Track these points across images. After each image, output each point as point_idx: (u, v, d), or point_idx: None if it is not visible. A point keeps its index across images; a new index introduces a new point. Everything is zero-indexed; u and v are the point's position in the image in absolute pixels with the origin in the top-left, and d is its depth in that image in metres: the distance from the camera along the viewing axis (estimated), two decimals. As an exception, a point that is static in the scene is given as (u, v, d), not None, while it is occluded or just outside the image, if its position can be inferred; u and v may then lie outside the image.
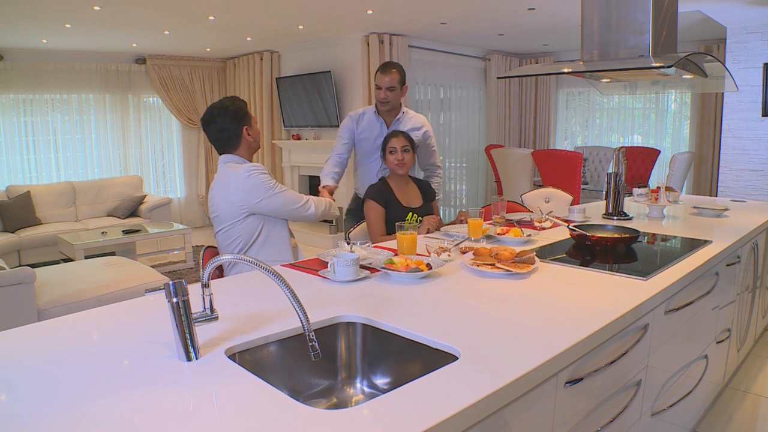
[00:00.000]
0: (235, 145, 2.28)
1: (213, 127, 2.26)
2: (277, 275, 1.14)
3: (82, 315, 1.47)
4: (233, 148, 2.29)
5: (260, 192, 2.20)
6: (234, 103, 2.27)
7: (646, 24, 2.24)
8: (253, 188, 2.19)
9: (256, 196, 2.20)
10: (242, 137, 2.28)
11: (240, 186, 2.20)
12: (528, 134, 8.13)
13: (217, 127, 2.25)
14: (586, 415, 1.38)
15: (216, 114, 2.24)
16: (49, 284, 3.57)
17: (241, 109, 2.27)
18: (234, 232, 2.25)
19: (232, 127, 2.25)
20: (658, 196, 3.12)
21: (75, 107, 6.89)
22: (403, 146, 2.69)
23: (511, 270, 1.77)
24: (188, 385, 1.05)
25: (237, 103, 2.27)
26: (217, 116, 2.24)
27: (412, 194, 2.81)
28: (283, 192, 2.25)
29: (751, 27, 4.86)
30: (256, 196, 2.20)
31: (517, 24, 5.74)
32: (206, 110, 2.29)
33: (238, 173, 2.21)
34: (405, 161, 2.69)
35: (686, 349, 2.04)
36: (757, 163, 4.99)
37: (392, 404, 0.97)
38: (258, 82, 7.36)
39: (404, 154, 2.69)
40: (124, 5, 4.59)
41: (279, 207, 2.24)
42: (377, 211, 2.65)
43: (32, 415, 0.93)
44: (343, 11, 5.06)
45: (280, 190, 2.24)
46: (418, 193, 2.83)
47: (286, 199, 2.25)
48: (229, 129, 2.25)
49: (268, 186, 2.21)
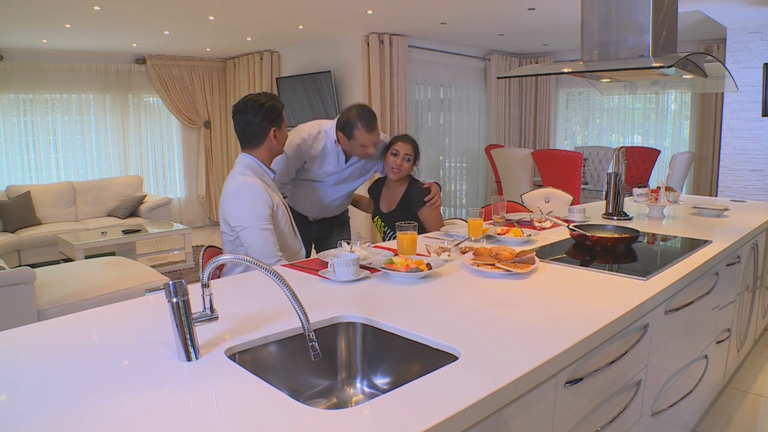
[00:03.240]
0: (257, 144, 2.18)
1: (242, 119, 2.16)
2: (277, 275, 1.14)
3: (82, 315, 1.47)
4: (254, 146, 2.19)
5: (237, 219, 2.09)
6: (270, 100, 2.17)
7: (646, 24, 2.24)
8: (234, 210, 2.10)
9: (233, 220, 2.10)
10: (267, 137, 2.17)
11: (225, 200, 2.13)
12: (528, 134, 8.13)
13: (246, 119, 2.15)
14: (586, 415, 1.38)
15: (249, 106, 2.15)
16: (49, 284, 3.57)
17: (275, 108, 2.16)
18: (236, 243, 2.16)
19: (260, 124, 2.15)
20: (658, 196, 3.12)
21: (75, 107, 6.89)
22: (407, 154, 2.67)
23: (511, 270, 1.77)
24: (188, 385, 1.05)
25: (273, 102, 2.17)
26: (249, 108, 2.15)
27: (393, 198, 2.78)
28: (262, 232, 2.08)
29: (751, 27, 4.86)
30: (233, 220, 2.10)
31: (517, 24, 5.74)
32: (241, 99, 2.19)
33: (231, 185, 2.13)
34: (402, 169, 2.67)
35: (686, 349, 2.04)
36: (757, 163, 4.99)
37: (392, 404, 0.97)
38: (258, 82, 7.35)
39: (405, 162, 2.66)
40: (124, 5, 4.59)
41: (248, 246, 2.09)
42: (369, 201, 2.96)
43: (32, 415, 0.93)
44: (343, 11, 5.06)
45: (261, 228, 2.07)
46: (397, 199, 2.75)
47: (257, 245, 2.07)
48: (257, 125, 2.15)
49: (251, 216, 2.07)
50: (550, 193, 3.59)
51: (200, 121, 7.86)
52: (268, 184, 2.19)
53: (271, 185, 2.22)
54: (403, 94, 6.31)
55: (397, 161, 2.66)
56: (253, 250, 2.08)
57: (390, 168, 2.68)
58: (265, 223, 2.09)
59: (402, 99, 6.30)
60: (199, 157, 8.00)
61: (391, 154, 2.68)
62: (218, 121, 8.07)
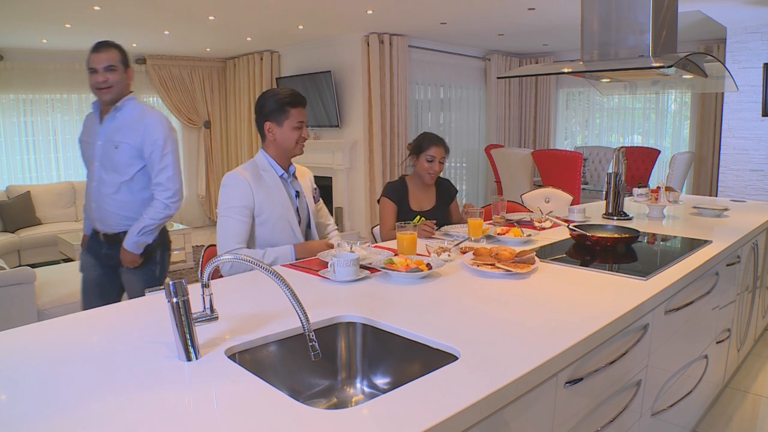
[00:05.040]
0: (263, 139, 2.19)
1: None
2: (277, 275, 1.14)
3: (82, 315, 1.47)
4: (263, 142, 2.20)
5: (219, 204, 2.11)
6: (268, 93, 2.15)
7: (646, 24, 2.24)
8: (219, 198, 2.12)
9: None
10: (265, 132, 2.15)
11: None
12: (528, 134, 8.13)
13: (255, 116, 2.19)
14: (586, 415, 1.38)
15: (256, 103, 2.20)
16: (49, 284, 3.57)
17: (266, 103, 2.13)
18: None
19: (258, 118, 2.17)
20: (658, 196, 3.12)
21: (75, 107, 6.89)
22: (442, 158, 2.72)
23: (511, 270, 1.77)
24: (188, 385, 1.05)
25: (267, 95, 2.14)
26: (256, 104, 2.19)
27: (426, 197, 2.82)
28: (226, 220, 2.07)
29: (751, 27, 4.86)
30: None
31: (517, 24, 5.74)
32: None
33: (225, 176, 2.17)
34: (438, 173, 2.75)
35: (686, 349, 2.04)
36: (757, 163, 4.99)
37: (392, 404, 0.97)
38: (258, 82, 7.35)
39: (440, 165, 2.72)
40: (124, 5, 4.59)
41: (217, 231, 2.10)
42: (390, 207, 2.74)
43: (32, 415, 0.93)
44: (343, 11, 5.06)
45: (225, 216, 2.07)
46: (433, 196, 2.84)
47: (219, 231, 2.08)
48: (257, 120, 2.18)
49: (223, 204, 2.08)
50: (550, 193, 3.59)
51: (200, 121, 7.86)
52: (265, 180, 2.14)
53: (271, 181, 2.15)
54: (403, 94, 6.31)
55: (434, 167, 2.71)
56: (217, 235, 2.10)
57: (426, 174, 2.72)
58: (232, 212, 2.06)
59: (402, 99, 6.31)
60: (199, 157, 8.00)
61: (427, 160, 2.70)
62: (218, 121, 8.07)
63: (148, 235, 2.36)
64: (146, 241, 2.37)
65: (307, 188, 2.32)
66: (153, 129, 2.31)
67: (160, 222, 2.37)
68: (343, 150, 6.45)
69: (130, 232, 2.34)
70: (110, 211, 2.37)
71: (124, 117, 2.33)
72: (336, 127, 6.57)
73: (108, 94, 2.28)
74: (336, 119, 6.48)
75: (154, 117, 2.34)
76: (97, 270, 2.47)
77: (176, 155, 2.39)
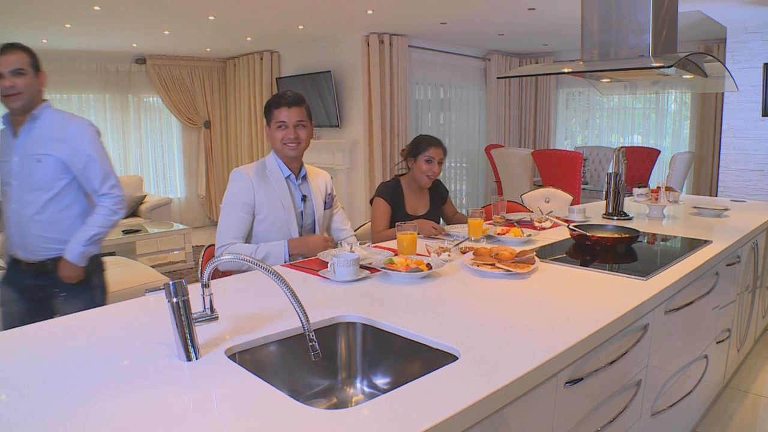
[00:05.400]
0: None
1: None
2: (277, 275, 1.14)
3: (82, 315, 1.47)
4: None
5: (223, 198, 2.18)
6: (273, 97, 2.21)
7: (646, 24, 2.24)
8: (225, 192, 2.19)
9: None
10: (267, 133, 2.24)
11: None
12: (528, 134, 8.13)
13: None
14: (586, 415, 1.38)
15: None
16: None
17: (266, 106, 2.20)
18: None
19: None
20: (658, 196, 3.12)
21: (75, 107, 6.88)
22: (441, 159, 2.66)
23: (511, 270, 1.77)
24: (188, 385, 1.05)
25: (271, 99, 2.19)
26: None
27: (421, 201, 2.76)
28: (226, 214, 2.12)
29: (751, 27, 4.86)
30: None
31: (517, 24, 5.74)
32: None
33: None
34: (437, 175, 2.69)
35: (686, 349, 2.04)
36: (757, 163, 4.99)
37: (392, 404, 0.97)
38: (258, 82, 7.36)
39: (438, 166, 2.66)
40: (124, 5, 4.59)
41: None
42: (383, 208, 2.64)
43: (33, 415, 0.93)
44: (343, 11, 5.06)
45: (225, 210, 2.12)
46: (427, 200, 2.78)
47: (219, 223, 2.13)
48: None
49: (225, 199, 2.16)
50: (550, 193, 3.59)
51: (200, 121, 7.86)
52: (270, 180, 2.17)
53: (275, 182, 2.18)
54: (403, 94, 6.31)
55: (433, 168, 2.64)
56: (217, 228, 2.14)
57: (425, 176, 2.64)
58: (231, 207, 2.12)
59: (402, 99, 6.31)
60: (199, 157, 8.00)
61: (425, 161, 2.62)
62: (218, 121, 8.07)
63: (96, 245, 2.19)
64: (93, 251, 2.19)
65: (318, 193, 2.31)
66: (81, 139, 2.11)
67: (109, 229, 2.21)
68: (343, 150, 6.45)
69: (74, 243, 2.12)
70: (34, 234, 2.13)
71: (43, 127, 2.11)
72: (336, 127, 6.57)
73: (17, 101, 2.05)
74: (336, 119, 6.48)
75: (78, 125, 2.14)
76: (22, 304, 2.20)
77: (109, 160, 2.21)
